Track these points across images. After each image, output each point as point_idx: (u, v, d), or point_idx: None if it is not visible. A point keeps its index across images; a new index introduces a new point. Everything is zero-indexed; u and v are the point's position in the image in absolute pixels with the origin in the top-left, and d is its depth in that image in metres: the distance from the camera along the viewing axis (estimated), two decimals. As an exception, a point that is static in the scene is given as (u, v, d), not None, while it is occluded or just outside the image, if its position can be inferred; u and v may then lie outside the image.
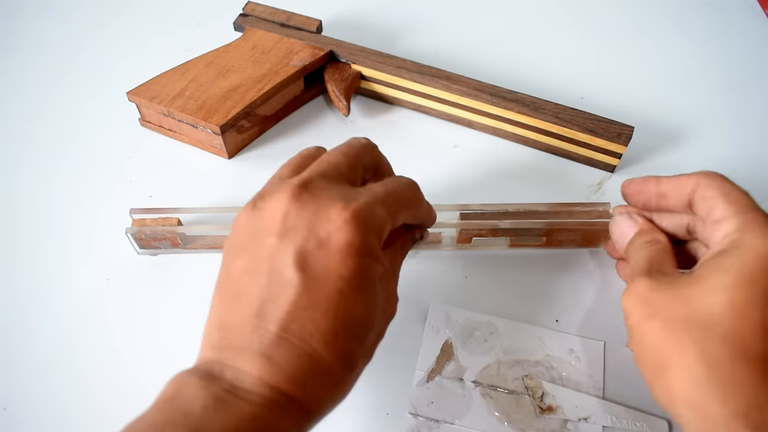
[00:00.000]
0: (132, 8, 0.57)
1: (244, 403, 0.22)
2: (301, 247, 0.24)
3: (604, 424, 0.33)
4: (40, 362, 0.35)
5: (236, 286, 0.25)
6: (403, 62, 0.46)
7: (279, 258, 0.24)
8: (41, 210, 0.42)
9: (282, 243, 0.24)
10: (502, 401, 0.34)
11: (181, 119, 0.43)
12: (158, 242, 0.38)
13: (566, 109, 0.43)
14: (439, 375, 0.35)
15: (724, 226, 0.27)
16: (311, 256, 0.24)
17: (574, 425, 0.33)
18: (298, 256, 0.24)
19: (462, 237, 0.38)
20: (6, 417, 0.34)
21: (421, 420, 0.33)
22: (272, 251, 0.24)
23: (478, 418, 0.33)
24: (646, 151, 0.45)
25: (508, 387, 0.34)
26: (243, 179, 0.44)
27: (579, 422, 0.33)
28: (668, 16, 0.57)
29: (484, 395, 0.34)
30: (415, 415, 0.33)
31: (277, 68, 0.45)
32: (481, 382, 0.34)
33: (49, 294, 0.38)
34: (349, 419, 0.33)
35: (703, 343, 0.24)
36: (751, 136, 0.47)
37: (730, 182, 0.29)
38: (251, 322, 0.24)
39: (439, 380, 0.34)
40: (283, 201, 0.25)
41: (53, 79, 0.51)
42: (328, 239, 0.24)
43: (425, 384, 0.34)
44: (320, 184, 0.26)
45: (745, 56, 0.53)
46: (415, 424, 0.33)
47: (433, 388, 0.34)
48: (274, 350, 0.23)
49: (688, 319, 0.25)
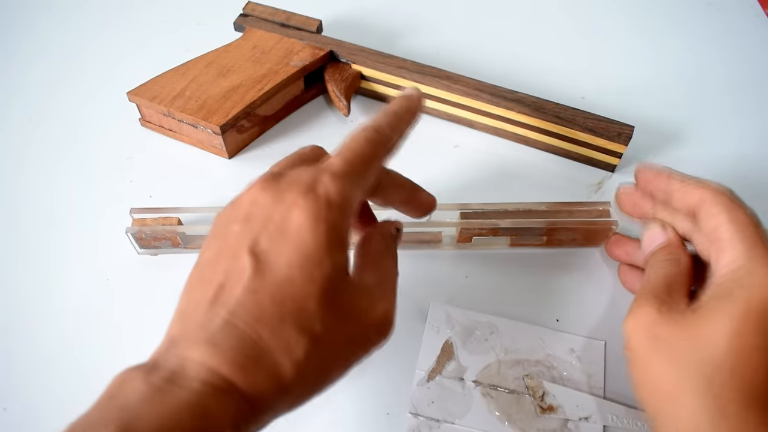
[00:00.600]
0: (132, 8, 0.57)
1: (182, 391, 0.21)
2: (257, 233, 0.24)
3: (604, 423, 0.33)
4: (40, 362, 0.35)
5: (201, 275, 0.25)
6: (404, 62, 0.46)
7: (239, 244, 0.24)
8: (41, 210, 0.42)
9: (243, 229, 0.24)
10: (503, 401, 0.34)
11: (182, 119, 0.43)
12: (158, 242, 0.38)
13: (567, 109, 0.43)
14: (439, 375, 0.35)
15: (728, 254, 0.27)
16: (266, 240, 0.24)
17: (574, 425, 0.33)
18: (254, 241, 0.24)
19: (462, 236, 0.38)
20: (6, 417, 0.34)
21: (421, 420, 0.33)
22: (235, 238, 0.24)
23: (478, 418, 0.33)
24: (647, 150, 0.45)
25: (509, 387, 0.34)
26: (243, 179, 0.43)
27: (579, 422, 0.33)
28: (668, 16, 0.57)
29: (485, 395, 0.34)
30: (416, 415, 0.33)
31: (277, 68, 0.45)
32: (481, 382, 0.34)
33: (49, 294, 0.38)
34: (349, 418, 0.33)
35: (707, 385, 0.24)
36: (751, 135, 0.47)
37: (737, 201, 0.29)
38: (205, 309, 0.23)
39: (440, 380, 0.34)
40: (252, 190, 0.26)
41: (54, 80, 0.51)
42: (282, 223, 0.24)
43: (426, 384, 0.34)
44: (287, 172, 0.26)
45: (745, 56, 0.53)
46: (416, 424, 0.33)
47: (433, 388, 0.34)
48: (220, 335, 0.22)
49: (692, 357, 0.25)
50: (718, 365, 0.24)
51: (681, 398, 0.25)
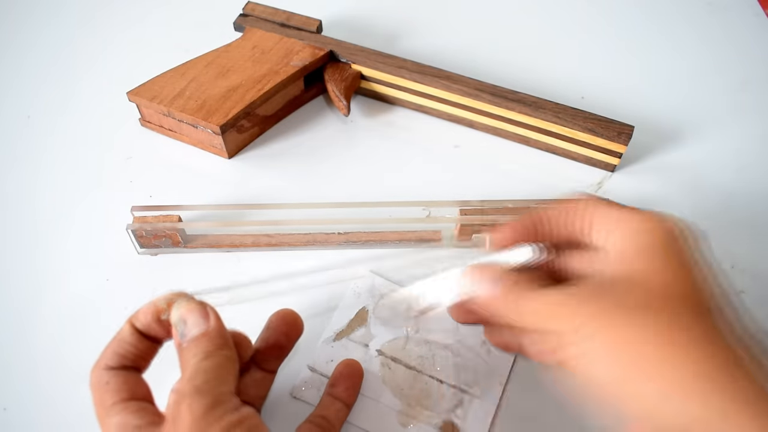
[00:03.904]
0: (132, 8, 0.57)
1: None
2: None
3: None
4: (40, 362, 0.35)
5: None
6: (404, 62, 0.46)
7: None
8: (41, 210, 0.42)
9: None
10: (399, 374, 0.34)
11: (181, 119, 0.43)
12: (159, 240, 0.38)
13: (567, 109, 0.43)
14: (346, 337, 0.35)
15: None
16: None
17: (466, 407, 0.33)
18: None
19: (462, 233, 0.38)
20: (6, 417, 0.33)
21: (315, 375, 0.34)
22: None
23: (369, 385, 0.34)
24: (647, 150, 0.45)
25: (410, 363, 0.34)
26: (243, 179, 0.44)
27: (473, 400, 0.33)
28: (668, 16, 0.57)
29: (384, 365, 0.35)
30: (312, 369, 0.34)
31: (277, 68, 0.45)
32: (384, 353, 0.35)
33: (49, 294, 0.38)
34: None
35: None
36: (751, 135, 0.47)
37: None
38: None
39: (345, 342, 0.35)
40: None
41: (53, 79, 0.51)
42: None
43: (331, 343, 0.35)
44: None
45: (746, 56, 0.53)
46: (309, 377, 0.34)
47: (336, 348, 0.35)
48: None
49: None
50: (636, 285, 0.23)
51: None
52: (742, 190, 0.44)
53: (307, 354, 0.35)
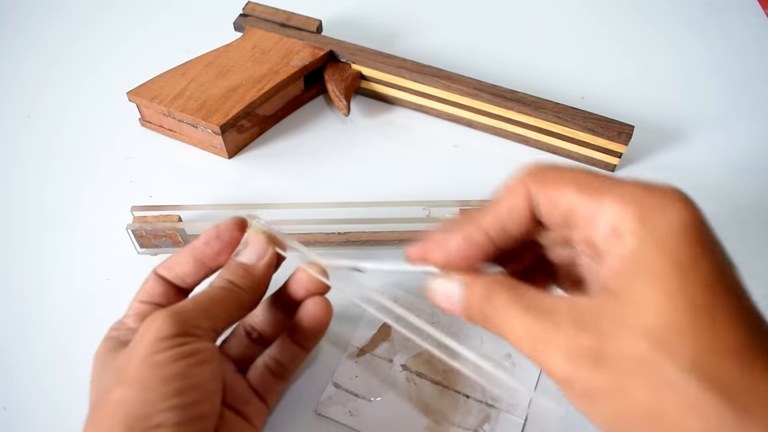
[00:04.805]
0: (133, 8, 0.57)
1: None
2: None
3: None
4: (40, 361, 0.35)
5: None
6: (404, 62, 0.46)
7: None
8: (41, 210, 0.42)
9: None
10: (425, 389, 0.34)
11: (181, 119, 0.43)
12: (159, 240, 0.38)
13: (566, 109, 0.43)
14: (370, 353, 0.35)
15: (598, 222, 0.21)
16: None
17: (493, 422, 0.33)
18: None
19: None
20: (6, 417, 0.33)
21: (340, 391, 0.34)
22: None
23: (395, 401, 0.33)
24: (647, 150, 0.45)
25: (435, 378, 0.34)
26: (243, 179, 0.44)
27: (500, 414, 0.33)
28: (668, 16, 0.57)
29: (409, 380, 0.34)
30: (337, 385, 0.34)
31: (277, 68, 0.45)
32: (409, 368, 0.35)
33: (49, 294, 0.38)
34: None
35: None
36: (751, 134, 0.47)
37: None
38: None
39: (370, 357, 0.35)
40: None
41: (54, 79, 0.51)
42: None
43: (355, 358, 0.35)
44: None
45: (745, 56, 0.53)
46: (334, 393, 0.33)
47: (361, 363, 0.35)
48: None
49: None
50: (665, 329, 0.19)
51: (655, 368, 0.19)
52: (743, 190, 0.44)
53: (330, 369, 0.35)
